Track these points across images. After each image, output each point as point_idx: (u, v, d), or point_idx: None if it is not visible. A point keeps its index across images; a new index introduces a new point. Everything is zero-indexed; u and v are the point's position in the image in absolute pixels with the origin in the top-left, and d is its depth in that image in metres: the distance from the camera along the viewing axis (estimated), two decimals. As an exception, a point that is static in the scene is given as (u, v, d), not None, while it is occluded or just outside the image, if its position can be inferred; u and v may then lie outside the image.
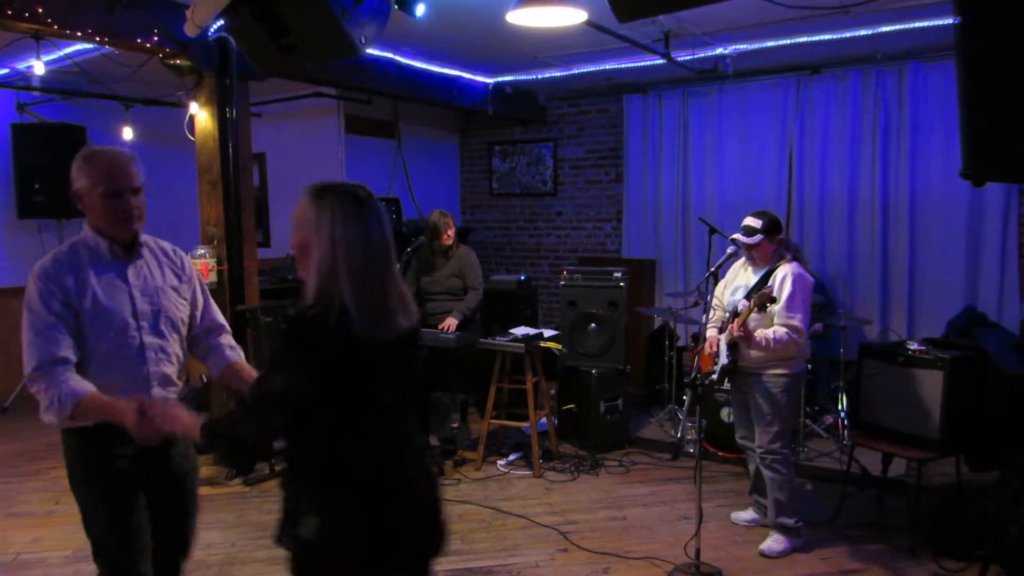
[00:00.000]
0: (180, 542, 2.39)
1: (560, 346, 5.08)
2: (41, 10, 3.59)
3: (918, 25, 4.67)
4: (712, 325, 3.80)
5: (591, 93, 7.15)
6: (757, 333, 3.45)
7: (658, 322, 6.46)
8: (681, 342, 6.10)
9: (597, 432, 5.13)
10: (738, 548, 3.71)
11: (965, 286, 5.50)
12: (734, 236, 3.68)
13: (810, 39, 5.03)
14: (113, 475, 2.15)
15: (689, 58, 5.25)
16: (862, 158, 5.80)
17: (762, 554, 3.60)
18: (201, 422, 1.77)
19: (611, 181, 7.26)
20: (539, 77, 6.34)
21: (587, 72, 6.11)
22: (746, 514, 4.00)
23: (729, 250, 3.73)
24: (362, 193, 1.71)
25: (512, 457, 5.00)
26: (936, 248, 5.61)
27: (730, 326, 3.54)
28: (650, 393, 6.13)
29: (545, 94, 7.40)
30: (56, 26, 3.68)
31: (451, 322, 4.89)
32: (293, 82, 5.65)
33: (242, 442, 1.69)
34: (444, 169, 8.12)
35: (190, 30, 2.63)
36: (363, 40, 2.49)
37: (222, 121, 4.62)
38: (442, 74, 6.03)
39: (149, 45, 4.09)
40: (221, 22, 2.64)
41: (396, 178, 7.21)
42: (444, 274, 5.11)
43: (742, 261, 3.81)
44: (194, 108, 4.74)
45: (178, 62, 4.48)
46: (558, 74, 6.20)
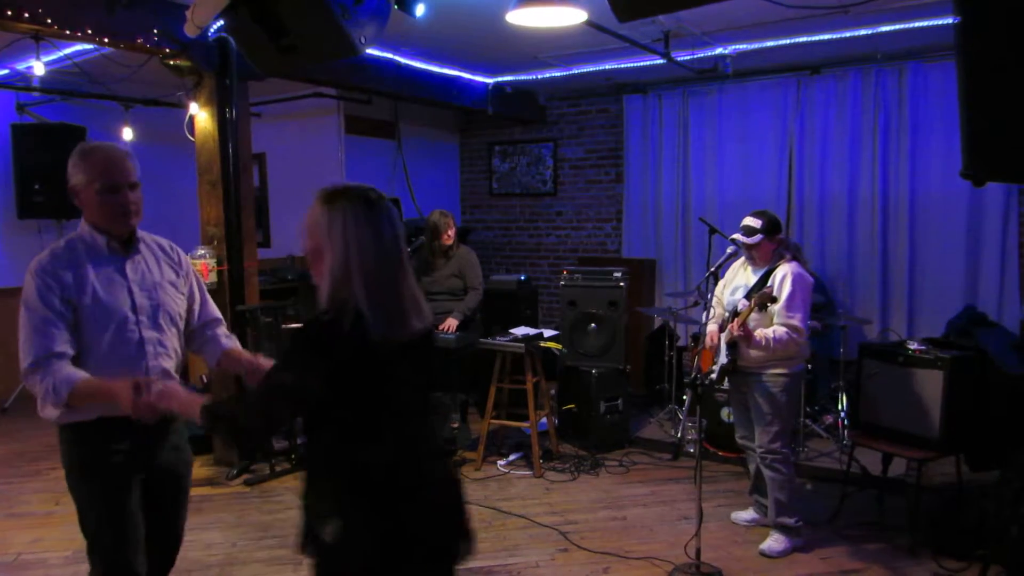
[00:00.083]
0: (173, 535, 2.40)
1: (560, 346, 5.07)
2: (41, 10, 3.59)
3: (918, 25, 4.67)
4: (713, 321, 3.80)
5: (591, 93, 7.15)
6: (757, 333, 3.45)
7: (658, 322, 6.46)
8: (681, 342, 6.10)
9: (597, 432, 5.13)
10: (738, 548, 3.71)
11: (965, 286, 5.49)
12: (734, 236, 3.69)
13: (810, 39, 5.03)
14: (109, 471, 2.15)
15: (689, 58, 5.25)
16: (862, 158, 5.80)
17: (762, 554, 3.61)
18: (202, 402, 1.77)
19: (611, 181, 7.26)
20: (539, 77, 6.33)
21: (587, 72, 6.11)
22: (746, 514, 4.00)
23: (729, 250, 3.73)
24: (373, 196, 1.70)
25: (512, 457, 5.00)
26: (936, 248, 5.61)
27: (730, 326, 3.54)
28: (650, 393, 6.13)
29: (545, 94, 7.40)
30: (56, 26, 3.68)
31: (451, 322, 4.90)
32: (293, 82, 5.65)
33: (245, 430, 1.70)
34: (444, 169, 8.11)
35: (190, 30, 2.63)
36: (363, 40, 2.49)
37: (222, 121, 4.62)
38: (442, 74, 6.03)
39: (149, 45, 4.09)
40: (221, 22, 2.63)
41: (396, 178, 7.20)
42: (444, 274, 5.12)
43: (741, 261, 3.81)
44: (194, 108, 4.74)
45: (178, 62, 4.48)
46: (558, 74, 6.20)
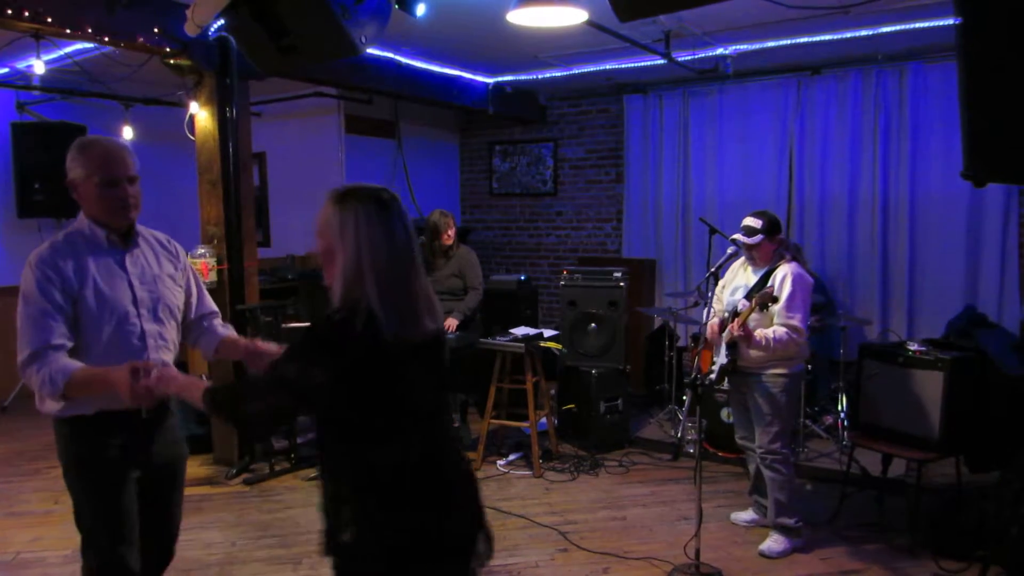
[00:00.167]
0: (168, 530, 2.40)
1: (560, 346, 5.07)
2: (41, 9, 3.59)
3: (918, 25, 4.67)
4: (714, 317, 3.80)
5: (591, 93, 7.15)
6: (757, 333, 3.45)
7: (658, 322, 6.46)
8: (681, 342, 6.10)
9: (597, 432, 5.13)
10: (738, 548, 3.71)
11: (965, 286, 5.49)
12: (734, 236, 3.68)
13: (810, 39, 5.03)
14: (105, 465, 2.15)
15: (689, 58, 5.25)
16: (862, 158, 5.80)
17: (762, 554, 3.60)
18: (204, 386, 1.77)
19: (611, 181, 7.25)
20: (539, 77, 6.33)
21: (587, 72, 6.11)
22: (746, 514, 4.00)
23: (729, 250, 3.73)
24: (385, 196, 1.69)
25: (512, 457, 5.00)
26: (936, 248, 5.61)
27: (730, 325, 3.54)
28: (650, 393, 6.13)
29: (545, 94, 7.40)
30: (56, 25, 3.67)
31: (451, 322, 4.90)
32: (293, 82, 5.65)
33: (246, 415, 1.70)
34: (444, 169, 8.11)
35: (190, 30, 2.63)
36: (363, 40, 2.49)
37: (222, 121, 4.62)
38: (442, 74, 6.03)
39: (149, 44, 4.09)
40: (221, 22, 2.63)
41: (396, 178, 7.20)
42: (444, 274, 5.11)
43: (741, 261, 3.81)
44: (194, 108, 4.74)
45: (178, 62, 4.47)
46: (558, 74, 6.20)
